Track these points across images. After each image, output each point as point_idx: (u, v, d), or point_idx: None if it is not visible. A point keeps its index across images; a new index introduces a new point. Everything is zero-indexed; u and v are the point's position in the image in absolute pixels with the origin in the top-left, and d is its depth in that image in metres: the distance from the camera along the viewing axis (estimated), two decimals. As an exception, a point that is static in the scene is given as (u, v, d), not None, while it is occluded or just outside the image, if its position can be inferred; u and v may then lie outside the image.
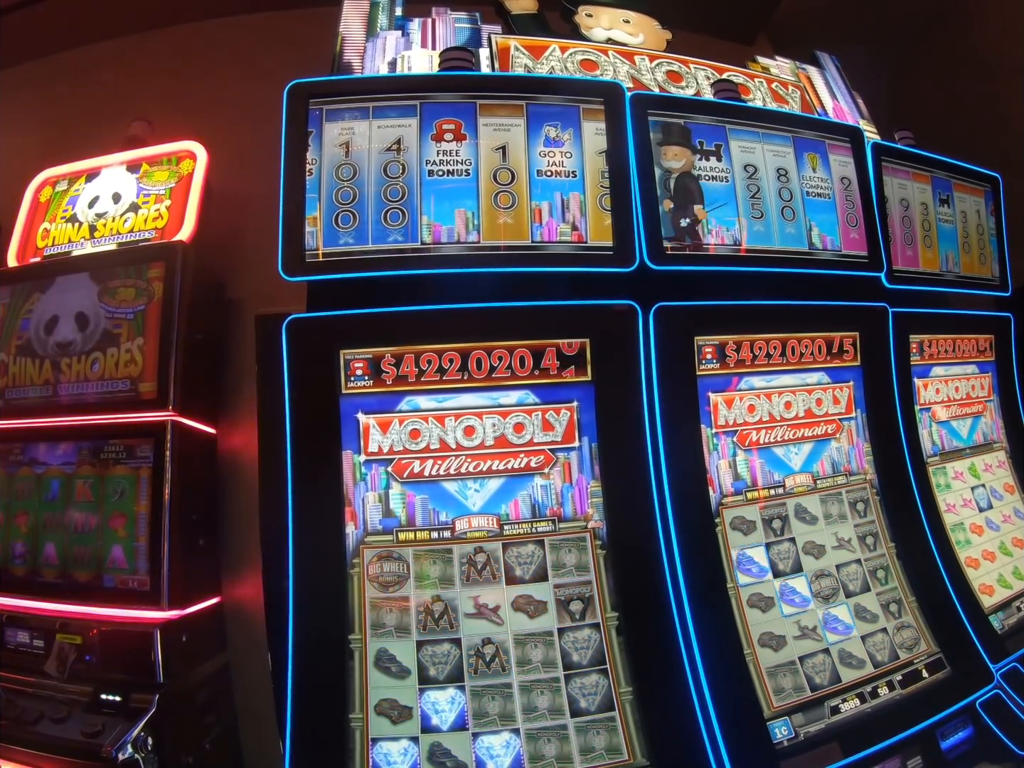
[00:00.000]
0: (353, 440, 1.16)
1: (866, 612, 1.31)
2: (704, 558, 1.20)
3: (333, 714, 1.04)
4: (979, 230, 1.81)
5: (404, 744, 1.04)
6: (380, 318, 1.16)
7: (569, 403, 1.21)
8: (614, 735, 1.07)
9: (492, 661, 1.09)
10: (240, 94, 1.86)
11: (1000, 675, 1.33)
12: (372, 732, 1.04)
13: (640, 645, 1.12)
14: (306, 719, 1.02)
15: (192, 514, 1.50)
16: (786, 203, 1.42)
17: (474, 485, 1.17)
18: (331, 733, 1.03)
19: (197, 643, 1.47)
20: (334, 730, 1.03)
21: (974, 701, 1.26)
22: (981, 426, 1.76)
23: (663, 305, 1.24)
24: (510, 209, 1.22)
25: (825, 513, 1.37)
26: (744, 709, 1.13)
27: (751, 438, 1.34)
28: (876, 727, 1.18)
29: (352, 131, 1.21)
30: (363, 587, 1.11)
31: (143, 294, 1.54)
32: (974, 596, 1.45)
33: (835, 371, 1.45)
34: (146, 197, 1.70)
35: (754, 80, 1.70)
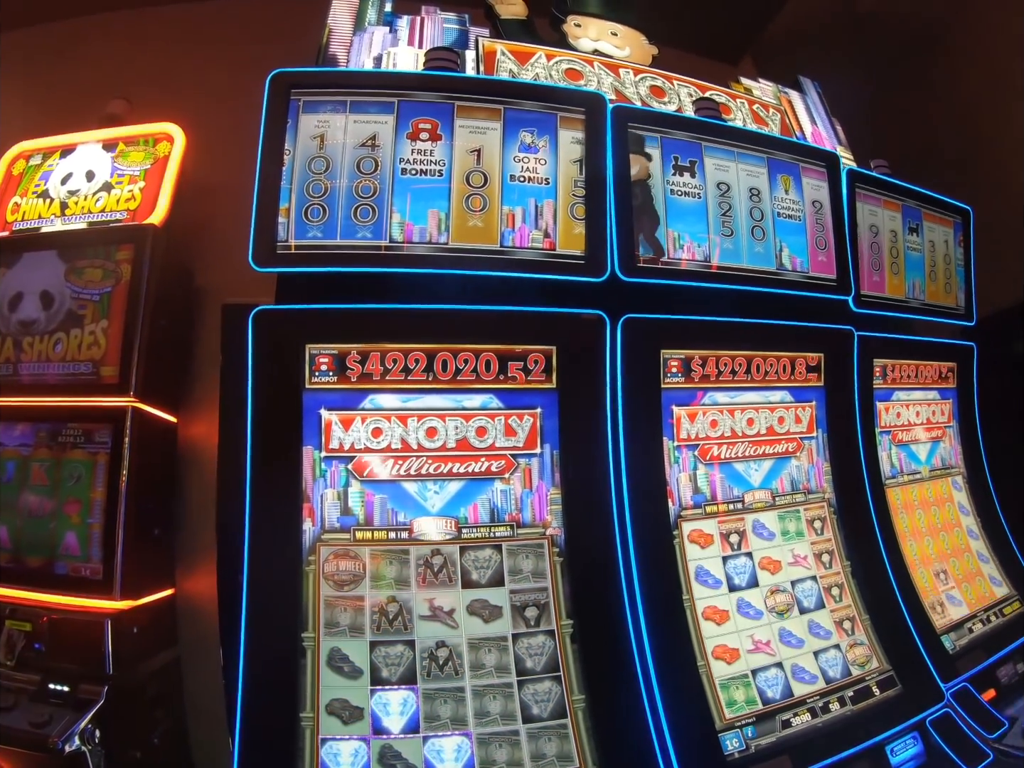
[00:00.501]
0: (314, 436, 1.14)
1: (820, 628, 1.33)
2: (661, 569, 1.21)
3: (284, 712, 1.02)
4: (946, 260, 1.85)
5: (355, 745, 1.03)
6: (348, 314, 1.15)
7: (532, 409, 1.21)
8: (565, 742, 1.07)
9: (445, 664, 1.09)
10: (223, 79, 1.83)
11: (950, 694, 1.36)
12: (323, 732, 1.02)
13: (594, 653, 1.12)
14: (256, 717, 1.00)
15: (148, 503, 1.47)
16: (757, 223, 1.43)
17: (434, 487, 1.16)
18: (281, 731, 1.01)
19: (148, 635, 1.44)
20: (284, 729, 1.01)
21: (924, 719, 1.29)
22: (940, 451, 1.80)
23: (631, 317, 1.25)
24: (481, 212, 1.22)
25: (783, 529, 1.39)
26: (696, 720, 1.14)
27: (712, 452, 1.35)
28: (827, 742, 1.19)
29: (328, 124, 1.20)
30: (318, 585, 1.10)
31: (111, 276, 1.51)
32: (926, 616, 1.48)
33: (798, 390, 1.47)
34: (120, 177, 1.66)
35: (736, 100, 1.73)
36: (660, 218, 1.34)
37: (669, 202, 1.37)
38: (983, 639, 1.55)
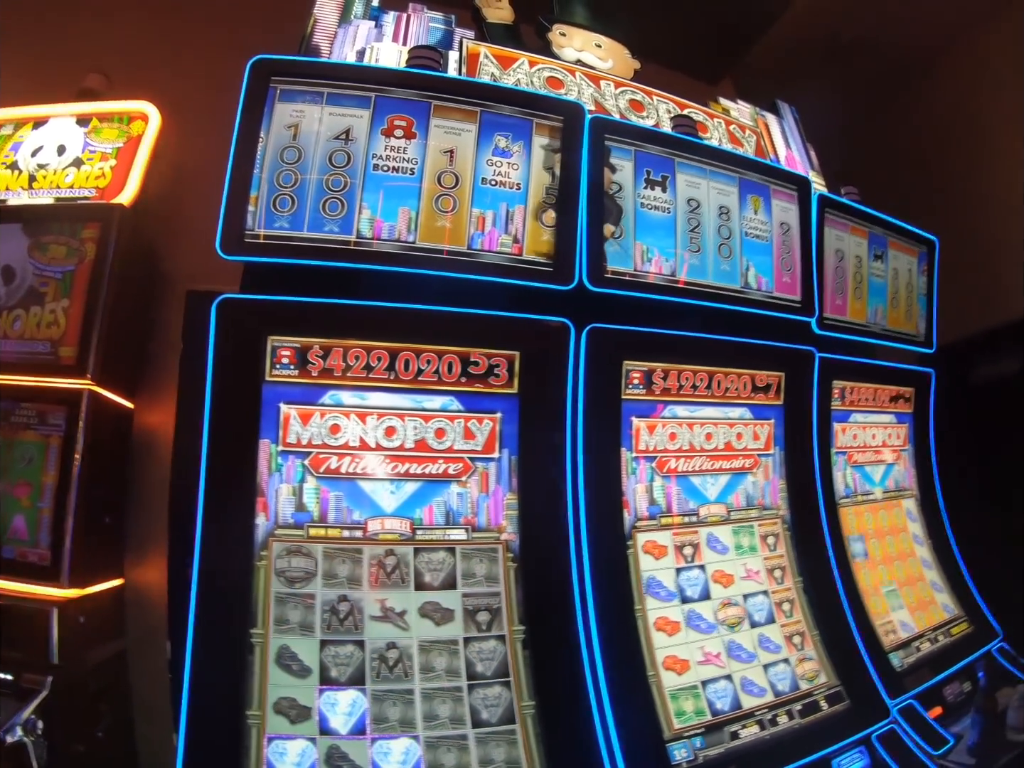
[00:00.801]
0: (272, 429, 1.12)
1: (770, 642, 1.36)
2: (614, 579, 1.22)
3: (230, 709, 1.00)
4: (908, 288, 1.90)
5: (301, 745, 1.01)
6: (312, 308, 1.14)
7: (493, 413, 1.21)
8: (514, 748, 1.07)
9: (395, 666, 1.08)
10: (204, 60, 1.79)
11: (897, 710, 1.38)
12: (269, 730, 1.00)
13: (545, 660, 1.12)
14: (202, 713, 0.98)
15: (100, 489, 1.43)
16: (724, 241, 1.46)
17: (390, 486, 1.15)
18: (227, 729, 0.99)
19: (95, 625, 1.40)
20: (230, 726, 0.99)
21: (870, 734, 1.31)
22: (894, 473, 1.84)
23: (596, 327, 1.26)
24: (450, 213, 1.21)
25: (736, 544, 1.41)
26: (645, 730, 1.14)
27: (670, 465, 1.37)
28: (774, 754, 1.21)
29: (303, 114, 1.19)
30: (269, 581, 1.08)
31: (75, 254, 1.47)
32: (875, 633, 1.52)
33: (758, 408, 1.50)
34: (91, 153, 1.62)
35: (713, 120, 1.76)
36: (626, 231, 1.34)
37: (639, 215, 1.38)
38: (930, 658, 1.59)
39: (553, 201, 1.26)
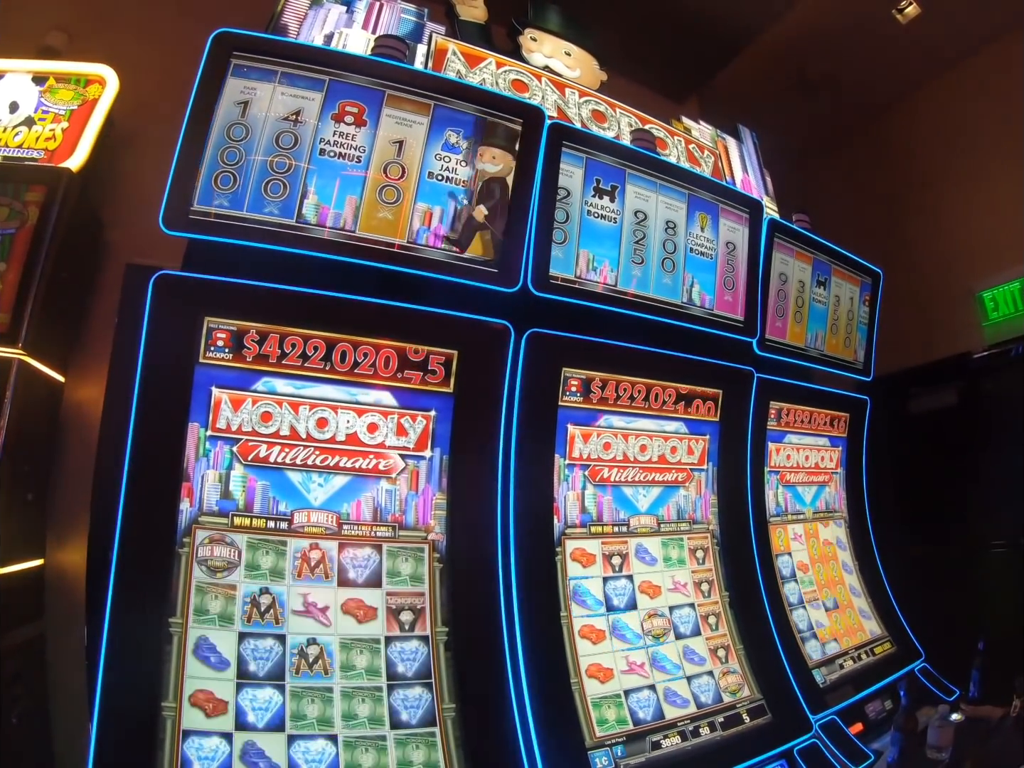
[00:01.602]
0: (202, 413, 1.10)
1: (694, 654, 1.38)
2: (541, 584, 1.22)
3: (145, 700, 0.97)
4: (849, 315, 1.96)
5: (216, 741, 0.98)
6: (252, 291, 1.11)
7: (427, 411, 1.21)
8: (433, 751, 1.06)
9: (315, 663, 1.06)
10: (167, 29, 1.74)
11: (819, 725, 1.42)
12: (184, 723, 0.98)
13: (467, 663, 1.12)
14: (116, 703, 0.95)
15: (24, 464, 1.37)
16: (668, 255, 1.48)
17: (318, 479, 1.14)
18: (141, 720, 0.96)
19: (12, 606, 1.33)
20: (145, 717, 0.96)
21: (792, 748, 1.34)
22: (825, 495, 1.90)
23: (537, 332, 1.26)
24: (392, 205, 1.20)
25: (665, 556, 1.43)
26: (566, 736, 1.15)
27: (603, 474, 1.38)
28: (695, 765, 1.23)
29: (254, 92, 1.16)
30: (190, 569, 1.05)
31: (16, 216, 1.41)
32: (799, 650, 1.55)
33: (694, 423, 1.53)
34: (44, 114, 1.56)
35: (674, 137, 1.79)
36: (569, 237, 1.33)
37: (584, 222, 1.39)
38: (853, 675, 1.64)
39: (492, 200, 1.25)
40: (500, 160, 1.26)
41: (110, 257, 1.61)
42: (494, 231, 1.25)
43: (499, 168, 1.26)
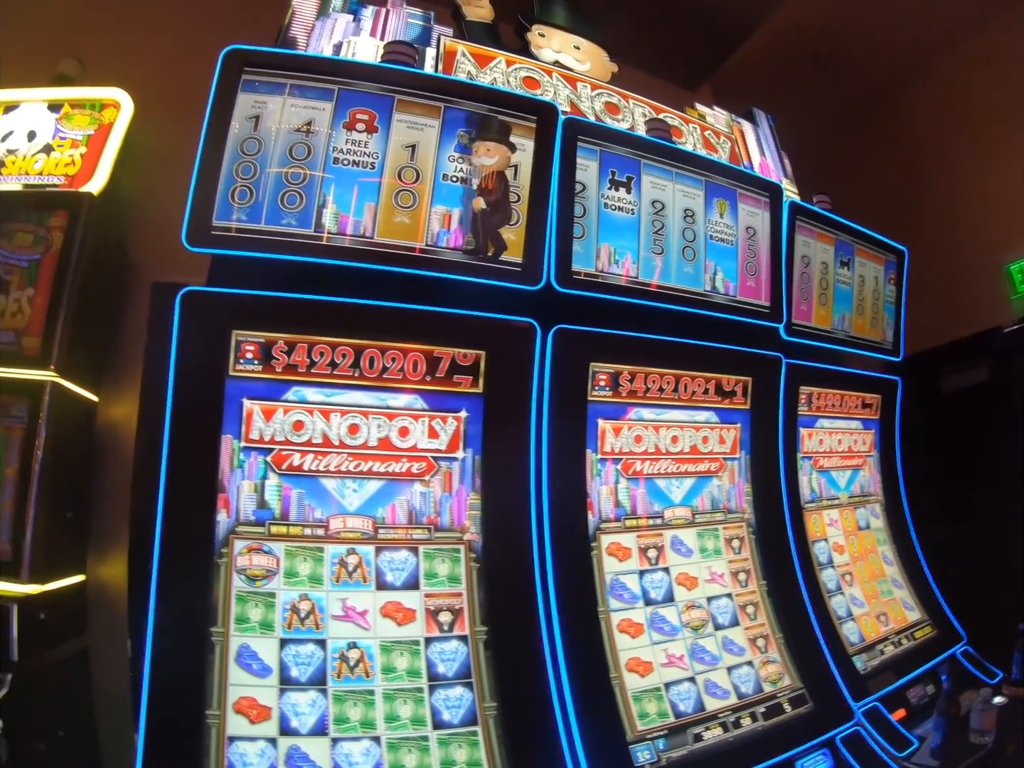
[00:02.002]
0: (234, 424, 1.11)
1: (733, 645, 1.37)
2: (577, 580, 1.22)
3: (190, 709, 0.98)
4: (875, 295, 1.92)
5: (261, 745, 0.99)
6: (277, 302, 1.12)
7: (457, 412, 1.21)
8: (476, 750, 1.06)
9: (356, 666, 1.07)
10: (178, 50, 1.77)
11: (861, 713, 1.40)
12: (229, 730, 0.99)
13: (507, 661, 1.12)
14: (161, 712, 0.96)
15: (63, 484, 1.40)
16: (688, 243, 1.46)
17: (353, 485, 1.14)
18: (187, 728, 0.98)
19: (57, 622, 1.37)
20: (190, 726, 0.98)
21: (834, 736, 1.32)
22: (859, 479, 1.87)
23: (563, 328, 1.26)
24: (409, 209, 1.20)
25: (701, 547, 1.42)
26: (607, 732, 1.15)
27: (635, 467, 1.37)
28: (737, 756, 1.22)
29: (264, 106, 1.17)
30: (230, 579, 1.06)
31: (41, 242, 1.45)
32: (839, 637, 1.53)
33: (724, 412, 1.51)
34: (62, 140, 1.60)
35: (689, 125, 1.77)
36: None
37: (602, 215, 1.38)
38: (894, 661, 1.61)
39: (515, 199, 1.25)
40: (495, 152, 1.26)
41: (135, 276, 1.64)
42: (488, 221, 1.24)
43: (495, 161, 1.26)
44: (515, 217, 1.26)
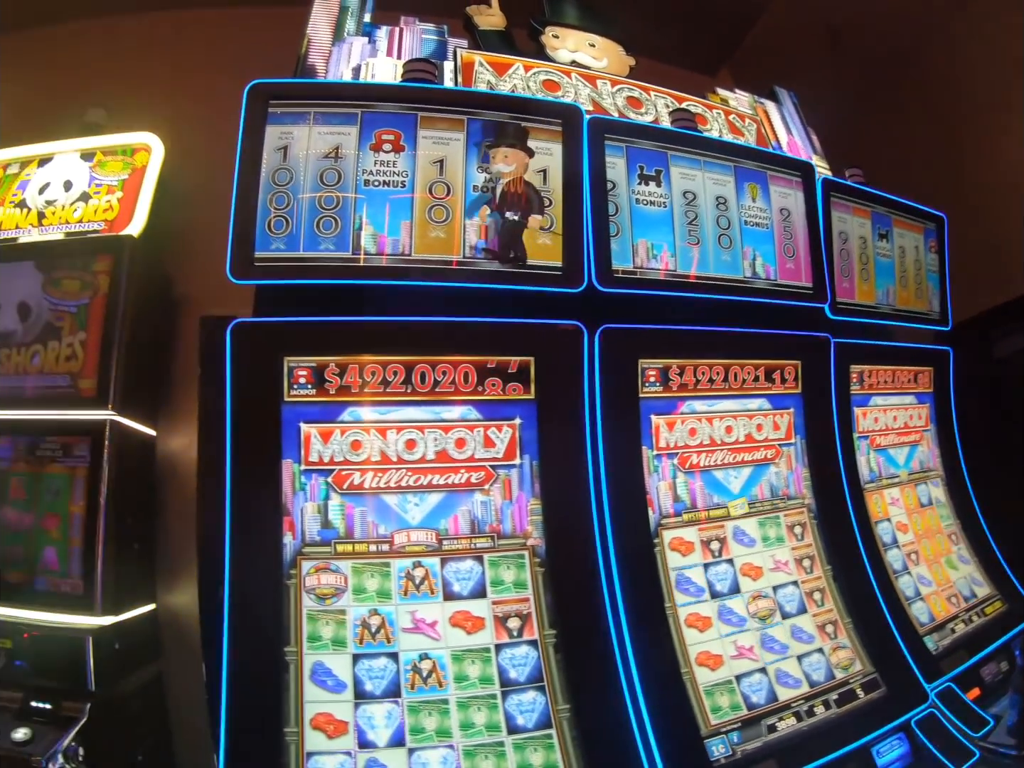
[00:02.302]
0: (293, 449, 1.13)
1: (802, 633, 1.34)
2: (642, 578, 1.21)
3: (268, 728, 1.01)
4: (916, 265, 1.87)
5: (340, 759, 1.02)
6: (326, 326, 1.15)
7: (511, 420, 1.22)
8: (551, 752, 1.07)
9: (429, 676, 1.08)
10: (202, 88, 1.82)
11: (935, 694, 1.37)
12: (307, 747, 1.01)
13: (578, 663, 1.12)
14: (240, 732, 0.99)
15: (128, 517, 1.45)
16: (724, 231, 1.44)
17: (414, 499, 1.16)
18: (266, 747, 1.00)
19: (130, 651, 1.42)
20: (269, 744, 1.00)
21: (909, 720, 1.29)
22: (918, 455, 1.82)
23: (609, 327, 1.25)
24: (443, 223, 1.21)
25: (763, 536, 1.40)
26: (681, 727, 1.14)
27: (692, 461, 1.36)
28: (813, 745, 1.20)
29: (291, 136, 1.19)
30: (300, 599, 1.09)
31: (88, 287, 1.50)
32: (909, 618, 1.50)
33: (776, 398, 1.48)
34: (98, 187, 1.65)
35: (712, 111, 1.75)
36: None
37: (634, 211, 1.37)
38: (966, 639, 1.57)
39: (547, 204, 1.25)
40: (513, 159, 1.26)
41: (182, 311, 1.69)
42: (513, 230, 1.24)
43: (512, 168, 1.26)
44: (548, 222, 1.26)
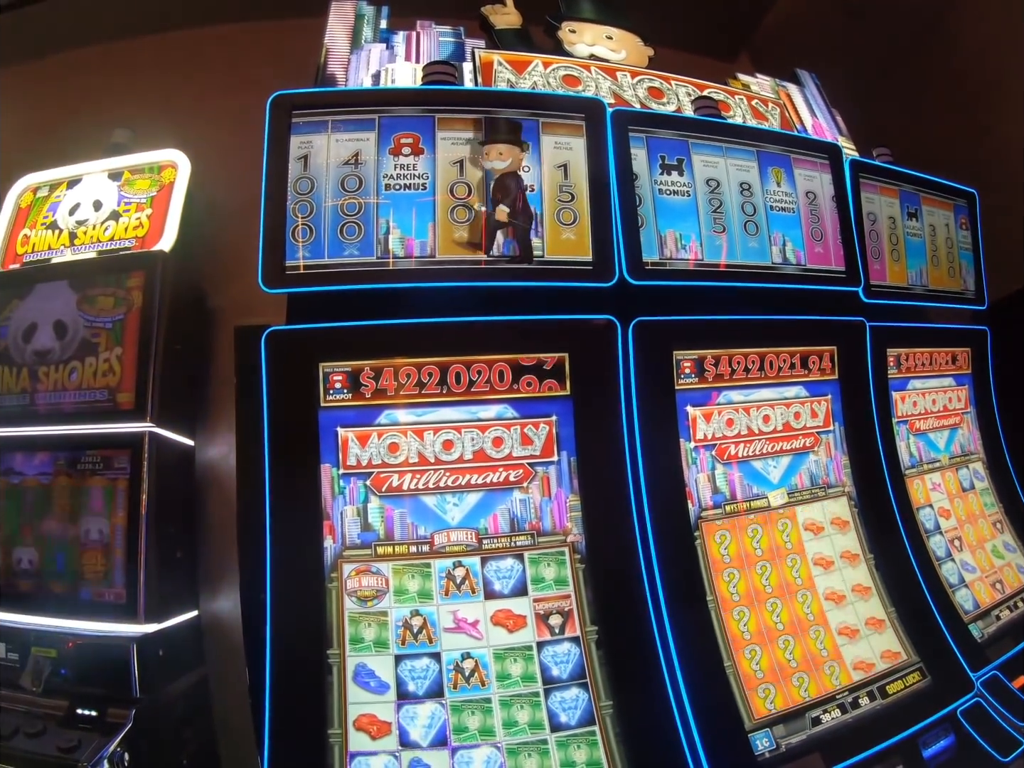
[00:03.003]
0: (331, 453, 1.15)
1: (846, 622, 1.31)
2: (683, 571, 1.20)
3: (311, 729, 1.03)
4: (948, 243, 1.83)
5: (384, 760, 1.03)
6: (359, 331, 1.16)
7: (548, 417, 1.21)
8: (595, 749, 1.07)
9: (471, 676, 1.09)
10: (224, 103, 1.85)
11: (980, 683, 1.34)
12: (351, 747, 1.03)
13: (620, 658, 1.12)
14: (284, 734, 1.01)
15: (169, 526, 1.47)
16: (749, 217, 1.42)
17: (453, 499, 1.17)
18: (309, 748, 1.02)
19: (174, 657, 1.44)
20: (313, 745, 1.02)
21: (955, 710, 1.27)
22: (958, 438, 1.78)
23: (642, 320, 1.24)
24: (466, 223, 1.22)
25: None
26: (725, 721, 1.13)
27: (730, 452, 1.35)
28: (858, 737, 1.18)
29: (311, 145, 1.21)
30: (341, 601, 1.10)
31: (122, 303, 1.52)
32: (953, 606, 1.47)
33: (813, 385, 1.46)
34: (127, 205, 1.68)
35: (734, 97, 1.73)
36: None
37: (658, 202, 1.36)
38: (1011, 626, 1.53)
39: (569, 199, 1.25)
40: (508, 155, 1.25)
41: (216, 322, 1.72)
42: (517, 225, 1.23)
43: (508, 163, 1.25)
44: (572, 216, 1.25)
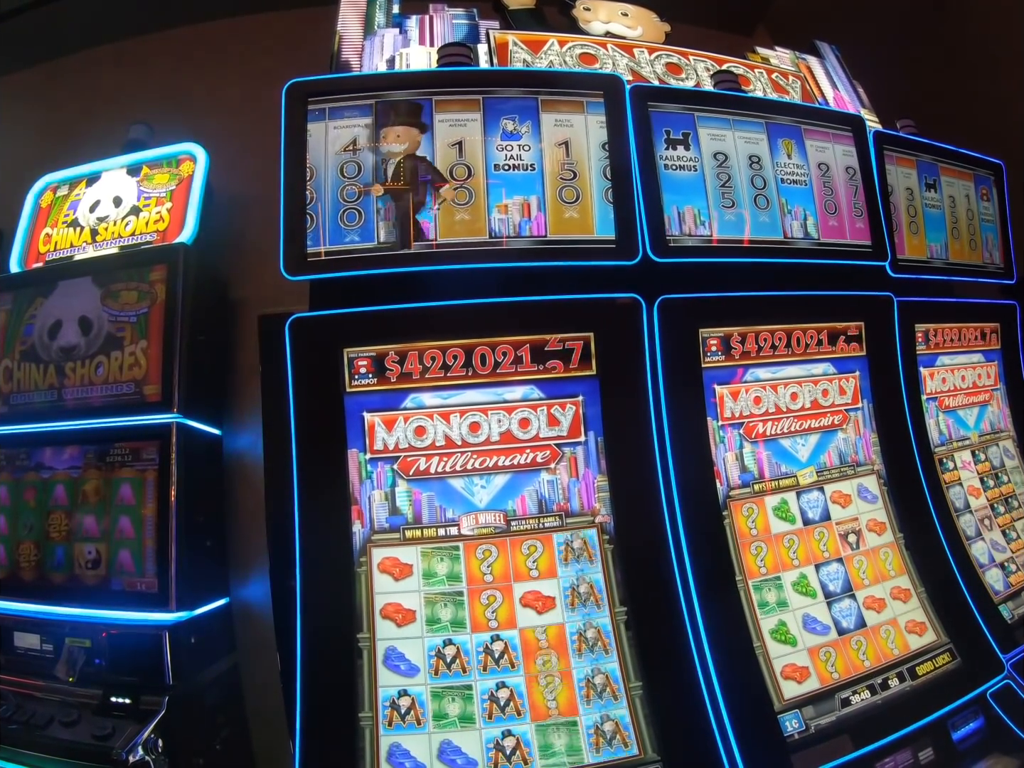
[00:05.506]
0: (358, 438, 1.16)
1: (875, 603, 1.30)
2: (712, 551, 1.20)
3: (342, 713, 1.04)
4: (968, 215, 1.77)
5: (414, 740, 1.03)
6: (383, 316, 1.16)
7: (574, 397, 1.21)
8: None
9: (501, 658, 1.09)
10: (239, 94, 1.86)
11: (1010, 665, 1.33)
12: (381, 731, 1.03)
13: (649, 639, 1.12)
14: (315, 718, 1.02)
15: (199, 515, 1.50)
16: (759, 191, 1.39)
17: (480, 481, 1.17)
18: (341, 732, 1.03)
19: (206, 644, 1.46)
20: (344, 729, 1.03)
21: (985, 692, 1.26)
22: (988, 415, 1.75)
23: (667, 298, 1.23)
24: (467, 205, 1.21)
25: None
26: (754, 702, 1.13)
27: (758, 430, 1.33)
28: (886, 719, 1.18)
29: (309, 134, 1.20)
30: (371, 585, 1.11)
31: (146, 297, 1.54)
32: (983, 586, 1.45)
33: (840, 361, 1.44)
34: (147, 200, 1.69)
35: (754, 71, 1.70)
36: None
37: (663, 177, 1.32)
38: (1042, 606, 1.50)
39: (571, 176, 1.23)
40: (405, 137, 1.23)
41: (239, 312, 1.73)
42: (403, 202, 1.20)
43: (405, 147, 1.23)
44: (574, 195, 1.23)
